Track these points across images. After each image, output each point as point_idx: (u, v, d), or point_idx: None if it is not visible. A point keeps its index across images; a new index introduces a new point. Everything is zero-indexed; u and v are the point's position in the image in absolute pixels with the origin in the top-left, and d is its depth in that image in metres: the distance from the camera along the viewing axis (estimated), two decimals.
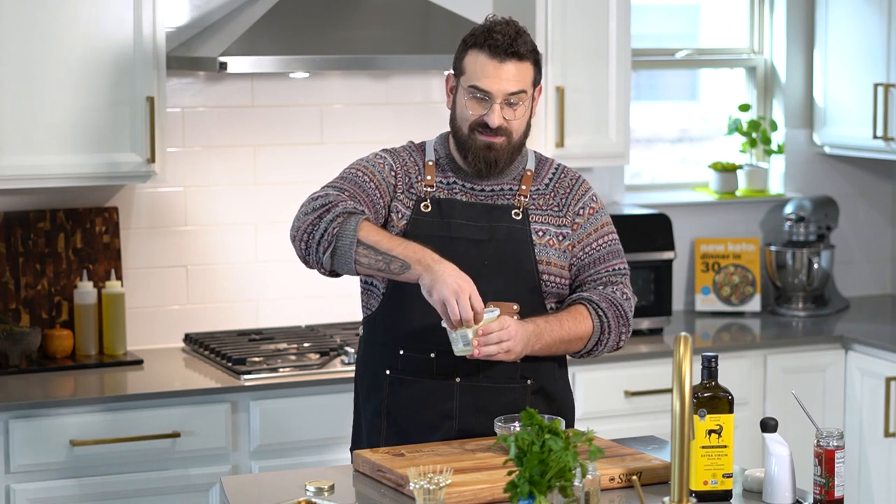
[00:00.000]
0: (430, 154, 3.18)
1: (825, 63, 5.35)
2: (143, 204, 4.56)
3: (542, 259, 3.11)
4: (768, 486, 2.77)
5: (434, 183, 3.14)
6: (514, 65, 3.03)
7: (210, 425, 4.04)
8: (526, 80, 3.06)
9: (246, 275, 4.69)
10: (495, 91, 3.03)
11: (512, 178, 3.16)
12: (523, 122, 3.10)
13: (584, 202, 3.18)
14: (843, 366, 4.88)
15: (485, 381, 3.09)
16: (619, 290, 3.17)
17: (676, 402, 2.45)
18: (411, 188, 3.14)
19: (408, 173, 3.15)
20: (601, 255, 3.17)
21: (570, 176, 3.21)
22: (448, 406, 3.10)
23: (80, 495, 3.93)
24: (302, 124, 4.72)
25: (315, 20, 4.30)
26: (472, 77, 3.05)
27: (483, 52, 3.04)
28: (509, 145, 3.08)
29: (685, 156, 5.73)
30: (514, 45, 3.02)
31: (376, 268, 2.97)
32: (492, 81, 3.03)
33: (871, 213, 5.62)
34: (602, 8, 4.73)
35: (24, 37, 4.05)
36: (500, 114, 3.04)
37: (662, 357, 4.65)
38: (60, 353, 4.34)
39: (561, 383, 3.23)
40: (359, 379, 3.26)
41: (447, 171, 3.16)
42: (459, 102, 3.09)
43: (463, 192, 3.14)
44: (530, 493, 2.36)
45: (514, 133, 3.08)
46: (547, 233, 3.13)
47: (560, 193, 3.17)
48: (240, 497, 2.85)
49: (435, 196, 3.13)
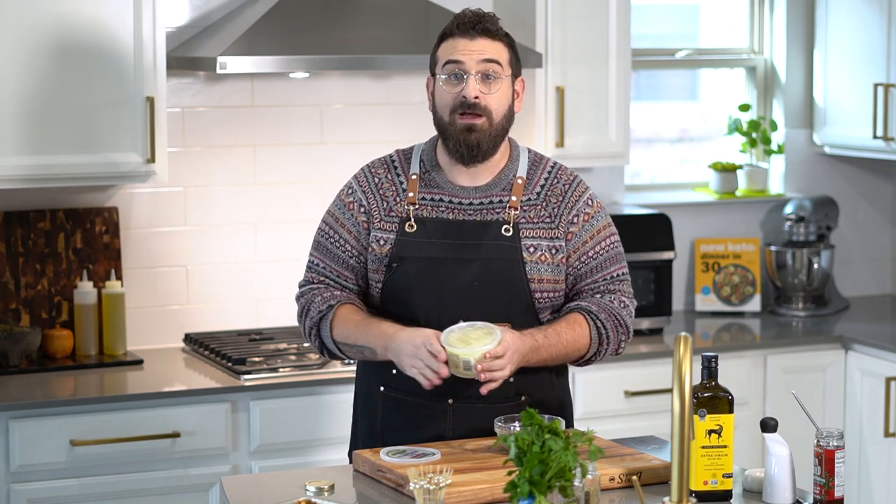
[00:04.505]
0: (414, 166, 3.13)
1: (825, 63, 5.35)
2: (143, 204, 4.56)
3: (534, 277, 3.05)
4: (768, 486, 2.77)
5: (417, 200, 3.09)
6: (486, 41, 3.04)
7: (210, 425, 4.04)
8: (500, 56, 3.04)
9: (246, 275, 4.69)
10: (467, 60, 3.02)
11: (501, 189, 3.09)
12: (503, 102, 3.05)
13: (578, 209, 3.11)
14: (843, 366, 4.88)
15: (478, 402, 3.03)
16: (616, 298, 3.12)
17: (676, 402, 2.45)
18: (390, 212, 3.10)
19: (384, 197, 3.11)
20: (598, 264, 3.12)
21: (564, 180, 3.13)
22: (442, 427, 3.05)
23: (80, 495, 3.93)
24: (302, 124, 4.72)
25: (315, 20, 4.30)
26: (445, 57, 3.05)
27: (453, 36, 3.07)
28: (490, 127, 3.03)
29: (685, 156, 5.73)
30: (481, 21, 3.05)
31: (361, 357, 3.11)
32: (463, 53, 3.03)
33: (871, 213, 5.62)
34: (602, 8, 4.73)
35: (24, 36, 4.05)
36: (475, 86, 3.01)
37: (662, 357, 4.65)
38: (60, 353, 4.34)
39: (559, 392, 3.19)
40: (357, 391, 3.24)
41: (432, 187, 3.10)
42: (437, 91, 3.07)
43: (450, 208, 3.08)
44: (530, 493, 2.36)
45: (494, 114, 3.03)
46: (539, 248, 3.07)
47: (552, 203, 3.10)
48: (240, 497, 2.85)
49: (419, 214, 3.08)
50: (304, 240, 4.72)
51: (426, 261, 3.04)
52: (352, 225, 3.12)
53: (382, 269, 3.08)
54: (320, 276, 3.16)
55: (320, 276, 3.16)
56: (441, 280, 3.00)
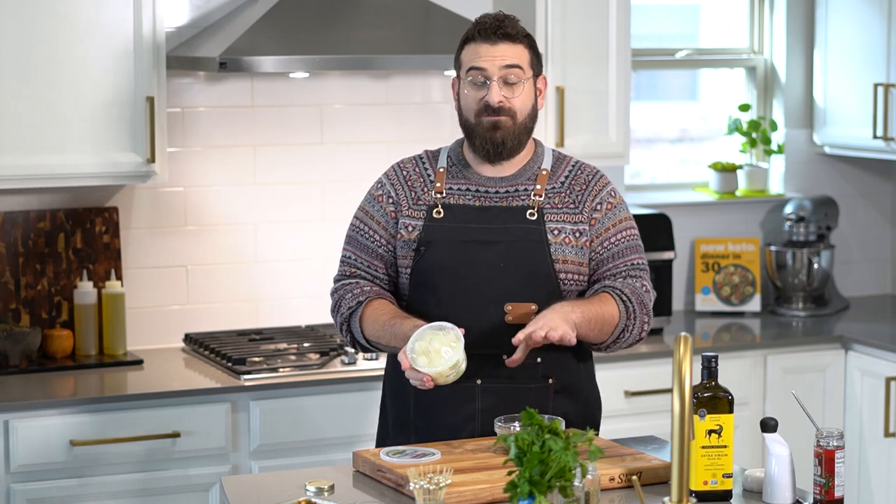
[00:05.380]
0: (442, 161, 3.22)
1: (825, 63, 5.35)
2: (143, 204, 4.56)
3: (559, 258, 3.11)
4: (768, 486, 2.77)
5: (444, 190, 3.17)
6: (507, 45, 3.12)
7: (210, 425, 4.04)
8: (521, 59, 3.12)
9: (246, 275, 4.69)
10: (490, 67, 3.10)
11: (527, 179, 3.17)
12: (526, 103, 3.13)
13: (602, 197, 3.18)
14: (843, 366, 4.88)
15: (506, 382, 3.09)
16: (638, 281, 3.16)
17: (676, 402, 2.45)
18: (418, 200, 3.18)
19: (412, 188, 3.20)
20: (620, 250, 3.17)
21: (588, 172, 3.22)
22: (470, 408, 3.10)
23: (80, 495, 3.93)
24: (302, 124, 4.72)
25: (315, 20, 4.30)
26: (468, 63, 3.13)
27: (475, 41, 3.14)
28: (514, 125, 3.12)
29: (685, 156, 5.73)
30: (502, 26, 3.12)
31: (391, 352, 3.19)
32: (485, 60, 3.11)
33: (871, 213, 5.62)
34: (602, 8, 4.73)
35: (24, 36, 4.05)
36: (499, 91, 3.10)
37: (662, 357, 4.65)
38: (60, 353, 4.34)
39: (586, 379, 3.22)
40: (385, 385, 3.29)
41: (459, 178, 3.18)
42: (462, 95, 3.16)
43: (476, 196, 3.16)
44: (530, 493, 2.36)
45: (518, 113, 3.12)
46: (563, 231, 3.13)
47: (576, 190, 3.17)
48: (240, 497, 2.85)
49: (446, 202, 3.16)
50: (304, 240, 4.74)
51: (453, 244, 3.12)
52: (381, 216, 3.21)
53: (411, 254, 3.15)
54: (352, 269, 3.24)
55: (352, 268, 3.24)
56: (468, 263, 3.09)
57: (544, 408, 3.09)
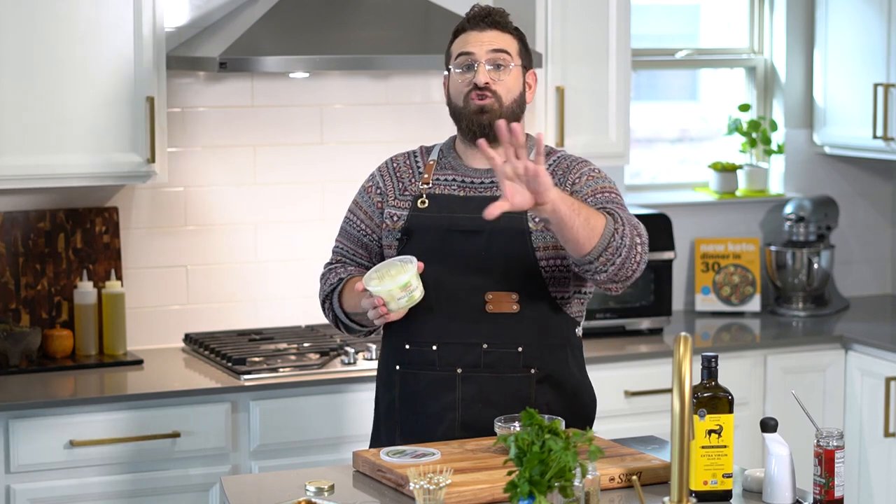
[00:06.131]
0: (434, 155, 3.27)
1: (825, 63, 5.35)
2: (143, 204, 4.56)
3: (540, 245, 3.11)
4: (768, 486, 2.77)
5: (431, 181, 3.21)
6: (495, 32, 3.16)
7: (210, 425, 4.04)
8: (509, 46, 3.16)
9: (246, 275, 4.69)
10: (477, 51, 3.14)
11: None
12: (513, 89, 3.14)
13: (583, 172, 3.15)
14: (843, 366, 4.88)
15: (486, 371, 3.11)
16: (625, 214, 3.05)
17: (676, 402, 2.45)
18: (405, 191, 3.22)
19: (400, 179, 3.24)
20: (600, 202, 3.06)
21: (572, 159, 3.21)
22: (451, 397, 3.12)
23: (80, 495, 3.93)
24: (302, 124, 4.72)
25: (315, 20, 4.30)
26: (457, 51, 3.18)
27: (465, 30, 3.19)
28: (500, 108, 3.12)
29: (685, 156, 5.73)
30: (491, 14, 3.17)
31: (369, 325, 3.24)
32: (473, 45, 3.15)
33: (871, 213, 5.62)
34: (602, 8, 4.73)
35: (24, 36, 4.06)
36: (486, 72, 3.12)
37: (662, 357, 4.65)
38: (60, 353, 4.34)
39: (573, 370, 3.20)
40: (378, 375, 3.31)
41: (447, 170, 3.22)
42: (451, 82, 3.19)
43: (461, 187, 3.19)
44: (530, 493, 2.36)
45: (504, 98, 3.13)
46: None
47: (558, 174, 3.16)
48: (240, 497, 2.85)
49: (432, 192, 3.19)
50: (304, 240, 4.74)
51: (436, 231, 3.14)
52: (368, 206, 3.27)
53: (395, 243, 3.19)
54: (339, 257, 3.32)
55: (339, 256, 3.32)
56: (450, 251, 3.12)
57: (526, 398, 3.09)
